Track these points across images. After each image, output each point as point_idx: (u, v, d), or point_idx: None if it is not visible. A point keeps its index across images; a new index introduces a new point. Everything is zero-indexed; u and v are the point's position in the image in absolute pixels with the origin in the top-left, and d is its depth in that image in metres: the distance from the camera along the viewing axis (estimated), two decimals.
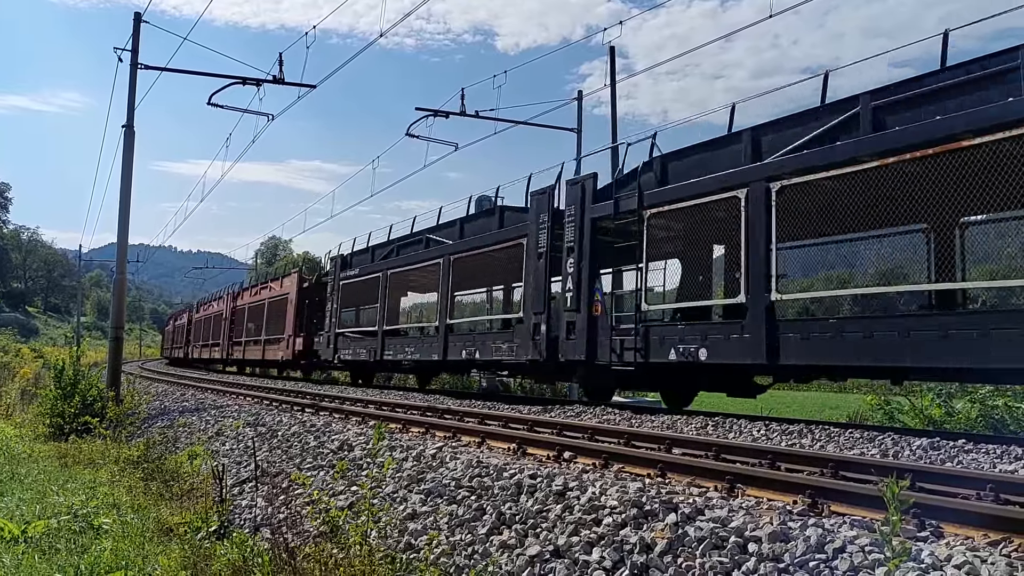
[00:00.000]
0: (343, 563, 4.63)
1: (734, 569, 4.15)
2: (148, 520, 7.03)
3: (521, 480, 6.15)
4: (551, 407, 14.89)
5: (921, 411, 15.79)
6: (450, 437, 9.81)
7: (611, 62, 23.05)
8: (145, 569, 5.53)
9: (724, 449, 7.81)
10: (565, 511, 5.38)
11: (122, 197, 19.22)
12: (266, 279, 39.91)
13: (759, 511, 5.00)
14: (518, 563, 4.88)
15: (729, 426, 10.41)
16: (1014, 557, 3.93)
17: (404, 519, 6.08)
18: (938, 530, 4.53)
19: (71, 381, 15.19)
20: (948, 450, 7.90)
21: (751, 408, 15.65)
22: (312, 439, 9.94)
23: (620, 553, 4.65)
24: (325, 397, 17.18)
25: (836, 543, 4.11)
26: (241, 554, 5.32)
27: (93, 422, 12.31)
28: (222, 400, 18.49)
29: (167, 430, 13.57)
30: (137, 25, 19.67)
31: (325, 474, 8.04)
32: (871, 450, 8.15)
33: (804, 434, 9.40)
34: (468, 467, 7.00)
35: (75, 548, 6.19)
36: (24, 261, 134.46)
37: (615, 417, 12.15)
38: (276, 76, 20.01)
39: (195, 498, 7.57)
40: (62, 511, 7.23)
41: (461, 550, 5.33)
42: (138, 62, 19.44)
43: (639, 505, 5.06)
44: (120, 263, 19.50)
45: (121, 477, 9.27)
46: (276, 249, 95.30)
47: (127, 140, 19.39)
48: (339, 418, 12.68)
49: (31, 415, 17.08)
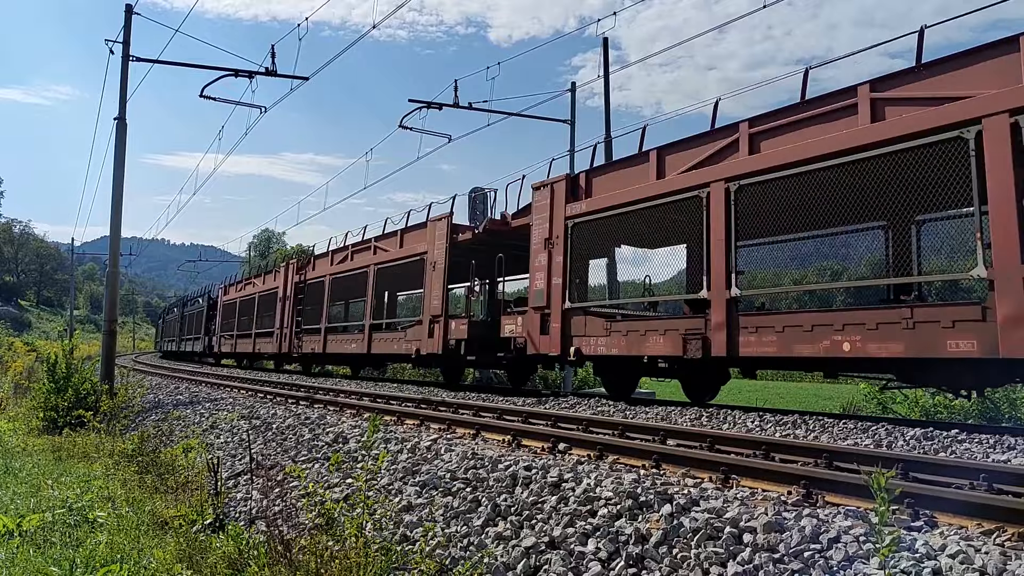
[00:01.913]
0: (339, 555, 4.62)
1: (729, 560, 4.16)
2: (143, 513, 7.02)
3: (516, 472, 6.16)
4: (545, 399, 14.91)
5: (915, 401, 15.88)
6: (445, 429, 9.82)
7: (604, 54, 22.97)
8: (140, 562, 5.52)
9: (718, 440, 7.84)
10: (560, 502, 5.39)
11: (114, 190, 19.15)
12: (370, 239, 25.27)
13: (754, 502, 5.02)
14: (514, 554, 4.88)
15: (723, 417, 10.44)
16: (1007, 546, 3.95)
17: (399, 511, 6.08)
18: (932, 520, 4.55)
19: (64, 375, 15.14)
20: (942, 440, 7.95)
21: (746, 399, 15.70)
22: (307, 432, 9.93)
23: (615, 544, 4.66)
24: (319, 390, 17.17)
25: (831, 533, 4.12)
26: (237, 547, 5.31)
27: (87, 415, 12.26)
28: (216, 393, 18.46)
29: (161, 423, 13.54)
30: (128, 17, 19.56)
31: (320, 467, 8.03)
32: (865, 440, 8.19)
33: (798, 425, 9.44)
34: (463, 459, 7.01)
35: (70, 542, 6.18)
36: (16, 255, 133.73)
37: (609, 408, 12.17)
38: (269, 68, 19.91)
39: (190, 491, 7.56)
40: (57, 505, 7.21)
41: (456, 542, 5.33)
42: (130, 54, 19.35)
43: (634, 496, 5.07)
44: (113, 256, 19.43)
45: (116, 470, 9.24)
46: (269, 242, 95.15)
47: (119, 133, 19.29)
48: (334, 411, 12.67)
49: (24, 409, 17.01)
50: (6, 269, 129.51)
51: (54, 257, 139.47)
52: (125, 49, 19.30)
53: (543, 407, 12.53)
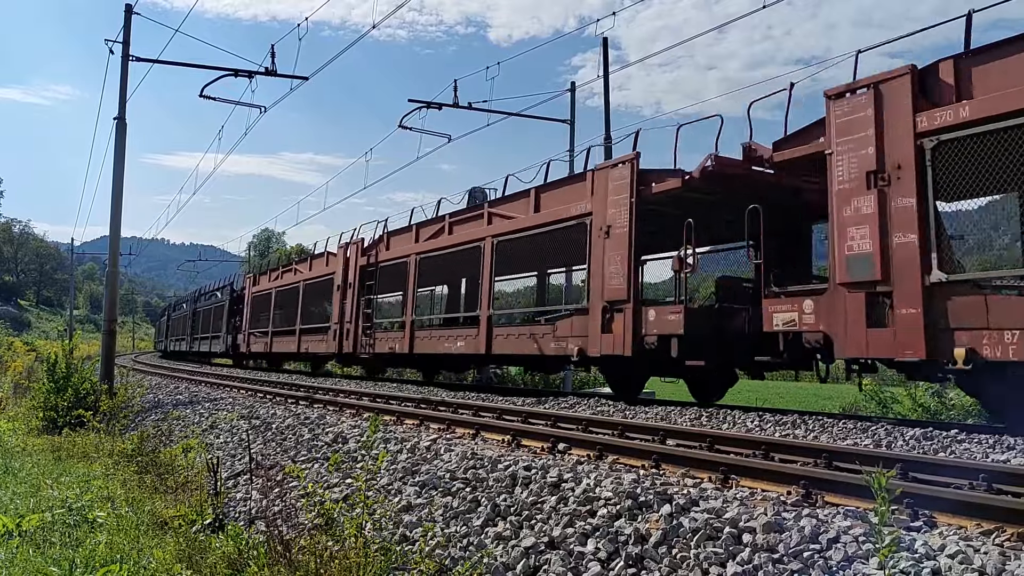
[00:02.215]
0: (338, 555, 4.62)
1: (728, 560, 4.16)
2: (143, 513, 7.01)
3: (516, 472, 6.16)
4: (545, 398, 14.91)
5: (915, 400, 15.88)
6: (444, 429, 9.81)
7: (604, 53, 22.95)
8: (140, 562, 5.52)
9: (718, 440, 7.84)
10: (560, 502, 5.39)
11: (114, 190, 19.15)
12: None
13: (753, 502, 5.02)
14: (513, 555, 4.88)
15: (723, 417, 10.45)
16: (1007, 546, 3.95)
17: (399, 511, 6.08)
18: (931, 520, 4.55)
19: (64, 374, 15.12)
20: (941, 440, 7.95)
21: (745, 399, 15.70)
22: (306, 432, 9.93)
23: (615, 544, 4.66)
24: (319, 390, 17.17)
25: (830, 533, 4.12)
26: (236, 547, 5.31)
27: (86, 415, 12.26)
28: (216, 393, 18.45)
29: (161, 423, 13.53)
30: (128, 17, 19.56)
31: (320, 467, 8.03)
32: (865, 440, 8.19)
33: (798, 425, 9.44)
34: (463, 459, 7.01)
35: (70, 542, 6.17)
36: (16, 254, 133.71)
37: (609, 408, 12.17)
38: (268, 68, 19.92)
39: (190, 491, 7.55)
40: (56, 505, 7.20)
41: (456, 542, 5.33)
42: (129, 54, 19.36)
43: (634, 496, 5.07)
44: (112, 256, 19.43)
45: (115, 470, 9.23)
46: (269, 242, 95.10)
47: (119, 132, 19.29)
48: (333, 410, 12.67)
49: (24, 409, 16.99)
50: (6, 269, 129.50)
51: (54, 257, 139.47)
52: (125, 49, 19.30)
53: (543, 407, 12.54)
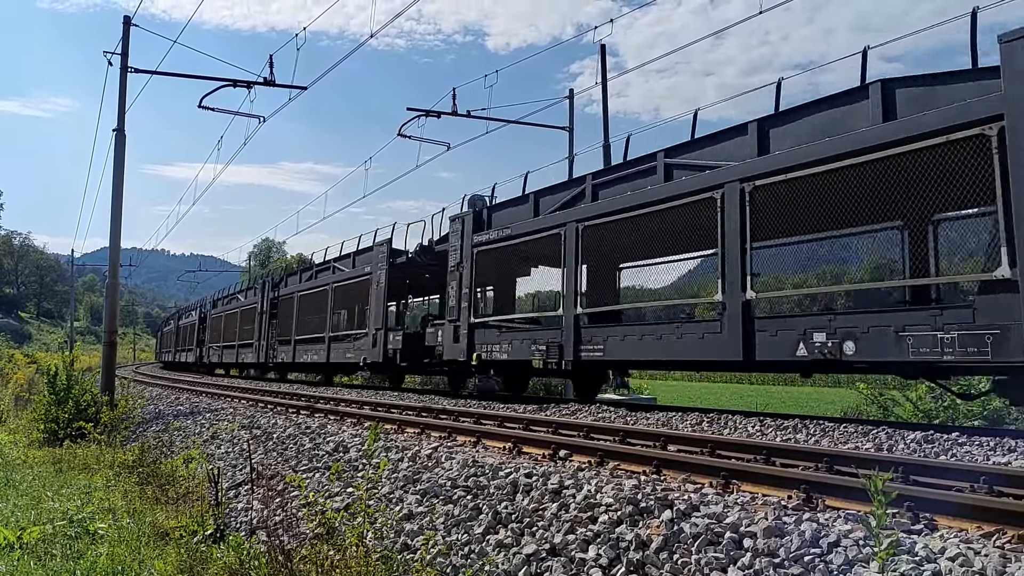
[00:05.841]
0: (339, 564, 4.62)
1: (729, 565, 4.16)
2: (144, 524, 7.01)
3: (517, 479, 6.16)
4: (547, 406, 14.90)
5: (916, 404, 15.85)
6: (445, 437, 9.81)
7: (602, 60, 23.00)
8: (141, 574, 5.52)
9: (719, 445, 7.84)
10: (561, 509, 5.39)
11: (114, 201, 19.17)
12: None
13: (754, 507, 5.02)
14: (514, 562, 4.88)
15: (724, 422, 10.44)
16: (1007, 549, 3.95)
17: (400, 520, 6.08)
18: (932, 523, 4.55)
19: (65, 386, 15.13)
20: (942, 443, 7.94)
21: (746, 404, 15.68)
22: (307, 441, 9.93)
23: (616, 550, 4.66)
24: (320, 399, 17.16)
25: (831, 537, 4.12)
26: (238, 557, 5.31)
27: (87, 427, 12.26)
28: (217, 403, 18.44)
29: (162, 434, 13.53)
30: (127, 29, 19.62)
31: (321, 476, 8.03)
32: (865, 444, 8.18)
33: (799, 429, 9.43)
34: (464, 467, 7.01)
35: (71, 554, 6.18)
36: (16, 267, 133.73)
37: (610, 415, 12.16)
38: (267, 78, 19.96)
39: (191, 502, 7.55)
40: (57, 517, 7.21)
41: (457, 550, 5.33)
42: (128, 66, 19.40)
43: (634, 502, 5.07)
44: (112, 267, 19.43)
45: (116, 482, 9.24)
46: (269, 251, 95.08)
47: (118, 144, 19.33)
48: (334, 420, 12.67)
49: (25, 421, 17.01)
50: (6, 281, 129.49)
51: (54, 269, 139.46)
52: (123, 61, 19.36)
53: (544, 414, 12.53)
